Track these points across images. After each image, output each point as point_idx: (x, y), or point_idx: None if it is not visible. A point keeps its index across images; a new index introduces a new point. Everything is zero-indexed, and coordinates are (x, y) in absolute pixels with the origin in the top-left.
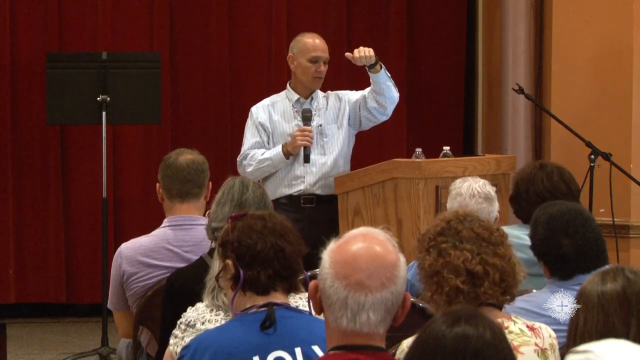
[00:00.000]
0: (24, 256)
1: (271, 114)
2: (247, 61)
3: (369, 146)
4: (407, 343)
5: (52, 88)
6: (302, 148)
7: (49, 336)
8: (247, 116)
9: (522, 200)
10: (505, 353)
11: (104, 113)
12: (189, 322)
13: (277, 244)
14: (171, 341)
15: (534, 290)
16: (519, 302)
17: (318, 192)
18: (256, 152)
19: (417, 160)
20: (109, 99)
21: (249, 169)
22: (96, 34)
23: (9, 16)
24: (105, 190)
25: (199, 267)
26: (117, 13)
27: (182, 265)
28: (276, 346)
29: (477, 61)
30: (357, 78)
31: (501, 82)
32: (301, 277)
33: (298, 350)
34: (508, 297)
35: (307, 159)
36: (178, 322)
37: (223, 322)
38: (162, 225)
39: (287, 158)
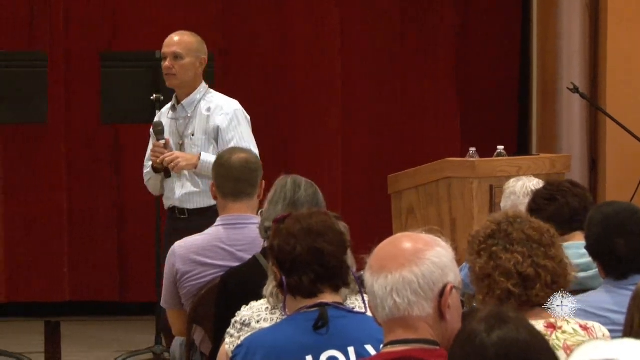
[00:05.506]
0: (78, 254)
1: (161, 119)
2: (300, 56)
3: (422, 145)
4: None
5: (106, 87)
6: None
7: (102, 334)
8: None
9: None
10: (546, 351)
11: (157, 112)
12: (244, 321)
13: (315, 246)
14: (227, 340)
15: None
16: None
17: (185, 206)
18: (147, 163)
19: (471, 159)
20: (162, 97)
21: (145, 182)
22: (150, 32)
23: (63, 15)
24: None
25: (253, 267)
26: (170, 11)
27: (236, 264)
28: (329, 346)
29: (532, 60)
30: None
31: (556, 81)
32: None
33: (351, 350)
34: None
35: (166, 174)
36: (233, 320)
37: (279, 321)
38: (216, 224)
39: (156, 172)
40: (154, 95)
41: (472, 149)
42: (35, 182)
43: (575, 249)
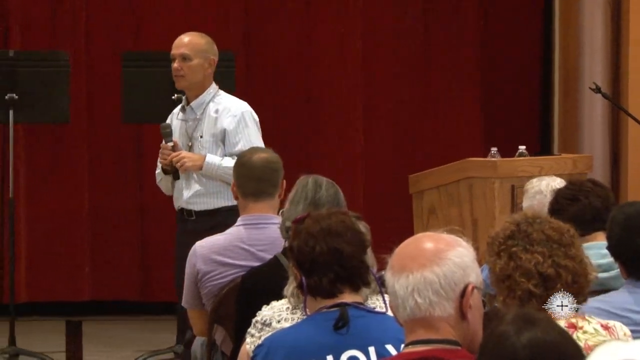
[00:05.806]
0: (99, 254)
1: (172, 120)
2: (322, 55)
3: (444, 145)
4: None
5: (128, 87)
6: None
7: (123, 334)
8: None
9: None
10: (576, 351)
11: None
12: (264, 321)
13: (334, 246)
14: (247, 340)
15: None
16: (595, 302)
17: (192, 207)
18: (159, 163)
19: (493, 159)
20: (183, 97)
21: (157, 182)
22: (172, 32)
23: (85, 15)
24: None
25: (274, 267)
26: (191, 11)
27: (256, 264)
28: (349, 345)
29: (554, 59)
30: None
31: (577, 80)
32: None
33: (372, 350)
34: (581, 298)
35: (175, 176)
36: (253, 320)
37: (299, 320)
38: (237, 224)
39: (166, 174)
40: (175, 95)
41: (494, 149)
42: (57, 182)
43: (597, 249)
